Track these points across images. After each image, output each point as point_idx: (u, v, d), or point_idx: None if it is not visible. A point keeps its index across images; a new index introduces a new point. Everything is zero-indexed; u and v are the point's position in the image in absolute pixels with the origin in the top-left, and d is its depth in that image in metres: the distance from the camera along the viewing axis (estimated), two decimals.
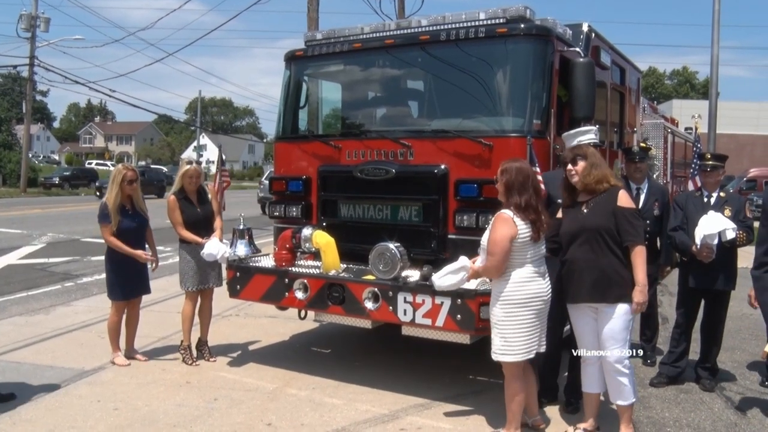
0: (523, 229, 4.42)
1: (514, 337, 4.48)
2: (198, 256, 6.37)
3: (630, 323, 4.60)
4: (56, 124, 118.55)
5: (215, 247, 6.27)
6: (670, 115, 14.83)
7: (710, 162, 5.91)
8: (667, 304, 8.94)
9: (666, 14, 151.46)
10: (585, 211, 4.63)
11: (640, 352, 6.60)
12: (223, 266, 6.58)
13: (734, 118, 37.71)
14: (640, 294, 4.48)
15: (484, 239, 4.60)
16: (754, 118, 41.80)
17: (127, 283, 6.39)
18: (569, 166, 4.66)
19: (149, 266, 6.55)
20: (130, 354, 6.60)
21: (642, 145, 7.38)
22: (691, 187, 7.87)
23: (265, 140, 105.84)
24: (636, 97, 8.89)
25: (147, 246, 6.55)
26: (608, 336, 4.52)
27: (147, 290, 6.68)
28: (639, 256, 4.49)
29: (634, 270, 4.49)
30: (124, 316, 6.57)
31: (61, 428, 4.93)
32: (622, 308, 4.50)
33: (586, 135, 5.12)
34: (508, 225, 4.43)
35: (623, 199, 4.58)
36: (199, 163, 6.89)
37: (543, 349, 4.68)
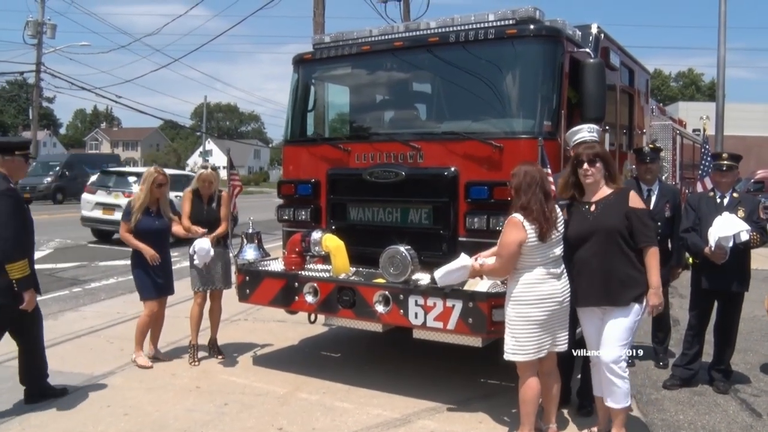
0: (531, 232, 4.41)
1: (525, 337, 4.46)
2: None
3: (635, 325, 4.53)
4: (62, 131, 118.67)
5: (207, 243, 6.43)
6: (677, 117, 14.77)
7: (726, 162, 5.86)
8: (678, 306, 8.88)
9: (671, 16, 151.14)
10: (594, 211, 4.58)
11: (640, 352, 6.57)
12: (233, 269, 6.60)
13: (741, 120, 37.53)
14: (655, 296, 4.47)
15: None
16: (761, 120, 41.61)
17: (156, 281, 6.49)
18: (586, 166, 4.59)
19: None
20: (154, 354, 6.72)
21: (652, 146, 7.34)
22: (699, 188, 7.81)
23: (270, 145, 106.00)
24: (645, 99, 8.85)
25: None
26: (609, 334, 4.49)
27: (172, 290, 6.76)
28: (653, 258, 4.48)
29: (648, 272, 4.47)
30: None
31: None
32: (632, 309, 4.47)
33: (579, 134, 5.13)
34: (517, 229, 4.42)
35: (634, 200, 4.57)
36: (215, 168, 6.95)
37: (560, 349, 4.64)
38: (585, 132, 5.17)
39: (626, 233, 4.48)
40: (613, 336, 4.48)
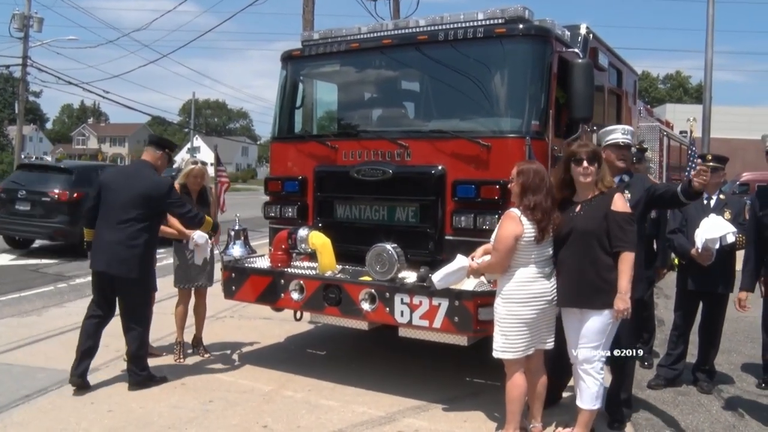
0: (528, 228, 4.41)
1: (514, 335, 4.46)
2: (191, 255, 6.42)
3: (608, 328, 4.45)
4: (49, 125, 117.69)
5: (205, 235, 6.34)
6: (665, 119, 14.84)
7: (711, 163, 5.89)
8: (663, 306, 8.92)
9: (659, 19, 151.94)
10: (579, 212, 4.57)
11: (640, 352, 6.56)
12: (217, 266, 6.56)
13: (727, 123, 37.79)
14: (620, 301, 4.33)
15: (493, 236, 4.60)
16: (746, 123, 41.94)
17: None
18: (585, 164, 4.50)
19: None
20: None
21: (638, 146, 7.36)
22: None
23: (258, 142, 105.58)
24: (633, 100, 8.88)
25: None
26: (583, 334, 4.47)
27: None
28: (625, 263, 4.36)
29: (619, 276, 4.37)
30: None
31: (53, 431, 4.86)
32: (606, 312, 4.41)
33: (612, 134, 5.07)
34: (514, 223, 4.42)
35: (618, 203, 4.46)
36: (204, 164, 6.87)
37: (548, 347, 4.65)
38: (619, 133, 5.09)
39: (604, 237, 4.40)
40: (587, 336, 4.46)
